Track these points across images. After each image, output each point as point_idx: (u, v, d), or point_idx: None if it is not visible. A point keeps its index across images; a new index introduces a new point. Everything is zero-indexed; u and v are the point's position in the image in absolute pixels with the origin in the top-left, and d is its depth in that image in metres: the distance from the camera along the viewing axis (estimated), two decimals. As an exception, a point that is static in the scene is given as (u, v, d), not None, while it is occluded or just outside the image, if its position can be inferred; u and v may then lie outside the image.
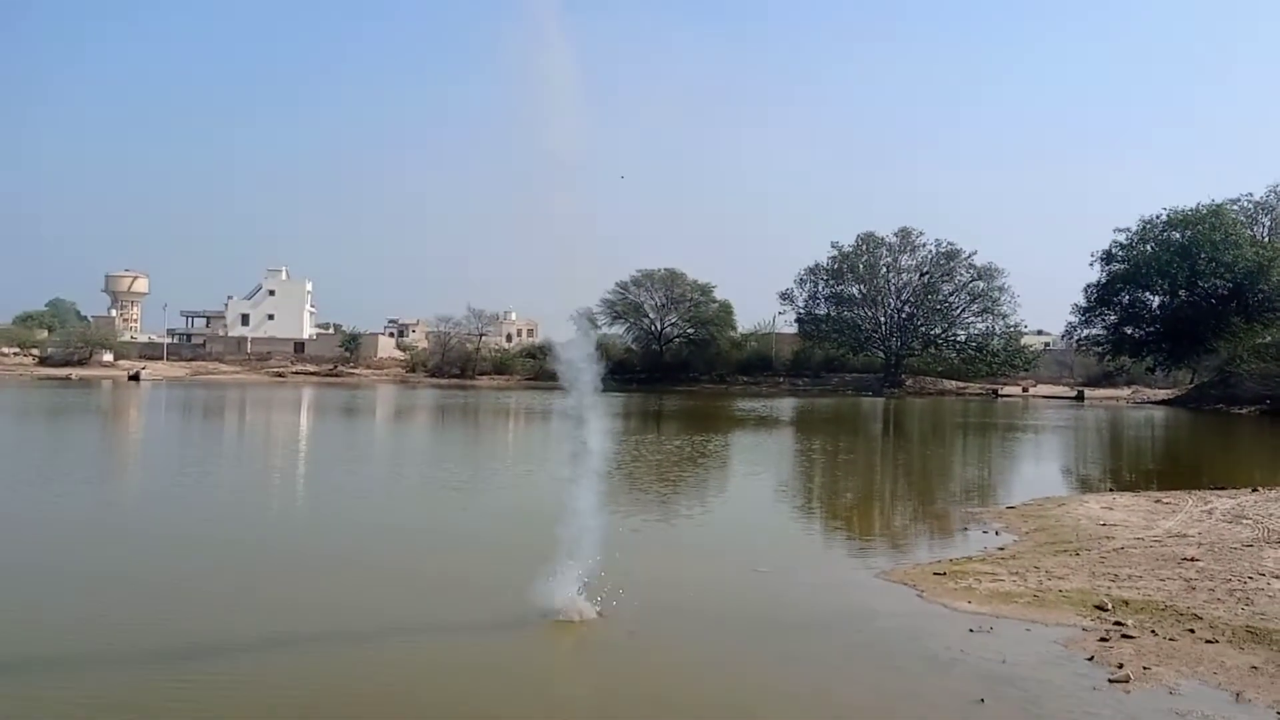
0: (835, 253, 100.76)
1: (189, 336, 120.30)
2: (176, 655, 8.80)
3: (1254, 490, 19.96)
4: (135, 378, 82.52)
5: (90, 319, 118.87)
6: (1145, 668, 8.59)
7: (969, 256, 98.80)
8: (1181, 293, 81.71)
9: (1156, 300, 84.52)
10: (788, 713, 7.71)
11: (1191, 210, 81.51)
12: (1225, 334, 67.78)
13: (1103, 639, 9.46)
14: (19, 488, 19.61)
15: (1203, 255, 78.95)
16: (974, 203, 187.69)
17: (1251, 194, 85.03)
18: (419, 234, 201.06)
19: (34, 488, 19.50)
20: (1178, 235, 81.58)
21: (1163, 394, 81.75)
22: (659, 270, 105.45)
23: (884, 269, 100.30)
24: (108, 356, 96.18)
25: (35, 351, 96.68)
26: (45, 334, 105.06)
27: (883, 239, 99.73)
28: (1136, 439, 43.57)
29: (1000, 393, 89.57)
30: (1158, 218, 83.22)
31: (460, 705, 7.96)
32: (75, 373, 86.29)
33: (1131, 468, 30.43)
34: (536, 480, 22.36)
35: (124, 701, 7.72)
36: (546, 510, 11.00)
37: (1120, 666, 8.56)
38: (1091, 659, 8.88)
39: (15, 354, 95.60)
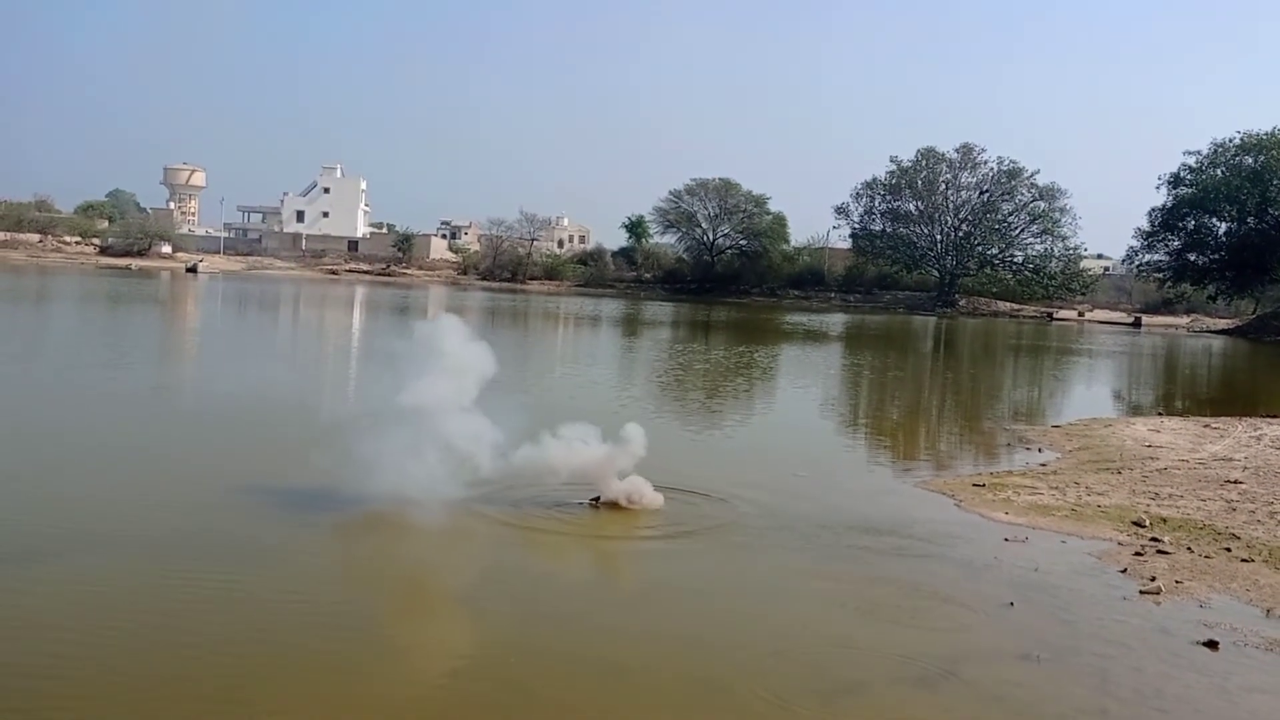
0: (894, 167, 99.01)
1: (245, 231, 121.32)
2: (195, 534, 9.07)
3: (1308, 420, 19.62)
4: (193, 270, 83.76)
5: (149, 211, 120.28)
6: (1178, 581, 8.61)
7: (1031, 176, 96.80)
8: (1250, 220, 79.39)
9: (1223, 226, 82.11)
10: (818, 611, 7.85)
11: (1266, 134, 78.65)
12: (1293, 264, 66.00)
13: (1138, 553, 9.48)
14: (76, 370, 20.13)
15: (1275, 181, 76.52)
16: (1039, 120, 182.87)
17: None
18: (473, 135, 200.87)
19: (88, 371, 20.00)
20: (1250, 160, 78.92)
21: (1223, 323, 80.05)
22: (713, 180, 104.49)
23: (943, 185, 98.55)
24: (166, 248, 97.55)
25: (96, 241, 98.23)
26: (105, 224, 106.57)
27: (943, 154, 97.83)
28: (1192, 367, 42.88)
29: (1055, 316, 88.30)
30: (1230, 141, 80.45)
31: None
32: (135, 263, 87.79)
33: (1184, 394, 30.02)
34: (574, 382, 22.56)
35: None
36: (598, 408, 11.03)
37: (1152, 579, 8.59)
38: (1124, 571, 8.92)
39: (77, 243, 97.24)
